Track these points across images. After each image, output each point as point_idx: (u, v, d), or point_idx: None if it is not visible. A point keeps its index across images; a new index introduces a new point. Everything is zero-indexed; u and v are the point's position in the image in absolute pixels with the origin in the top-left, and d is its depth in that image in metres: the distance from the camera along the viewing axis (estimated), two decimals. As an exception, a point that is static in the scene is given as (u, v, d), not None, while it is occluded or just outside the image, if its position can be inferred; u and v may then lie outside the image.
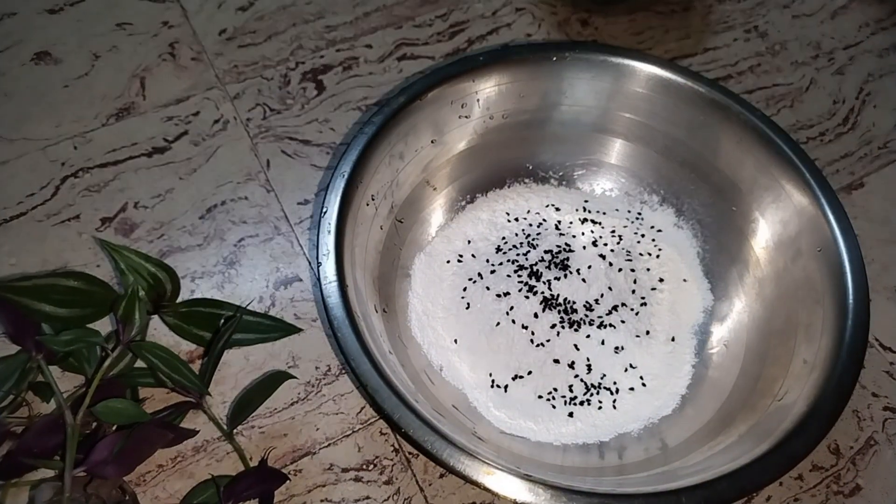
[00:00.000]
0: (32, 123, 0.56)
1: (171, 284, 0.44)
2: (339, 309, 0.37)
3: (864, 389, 0.46)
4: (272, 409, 0.44)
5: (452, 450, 0.34)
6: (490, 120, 0.48)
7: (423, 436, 0.34)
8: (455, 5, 0.63)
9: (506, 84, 0.47)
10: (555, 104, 0.49)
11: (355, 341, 0.37)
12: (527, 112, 0.49)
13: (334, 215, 0.40)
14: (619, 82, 0.47)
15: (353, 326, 0.37)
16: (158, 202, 0.52)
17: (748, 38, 0.63)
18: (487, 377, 0.44)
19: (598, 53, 0.47)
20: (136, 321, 0.41)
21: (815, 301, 0.41)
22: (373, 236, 0.44)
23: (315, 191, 0.53)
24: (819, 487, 0.43)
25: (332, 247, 0.39)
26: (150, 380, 0.43)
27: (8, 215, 0.51)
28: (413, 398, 0.37)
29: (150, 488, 0.42)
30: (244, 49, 0.60)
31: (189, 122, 0.56)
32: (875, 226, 0.53)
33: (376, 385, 0.36)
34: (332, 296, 0.38)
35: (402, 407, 0.35)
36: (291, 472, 0.42)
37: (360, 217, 0.43)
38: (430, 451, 0.34)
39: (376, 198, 0.44)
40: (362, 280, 0.41)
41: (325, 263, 0.39)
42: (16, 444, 0.39)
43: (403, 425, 0.35)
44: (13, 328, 0.41)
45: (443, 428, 0.35)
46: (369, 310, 0.41)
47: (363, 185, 0.43)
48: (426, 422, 0.35)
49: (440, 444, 0.34)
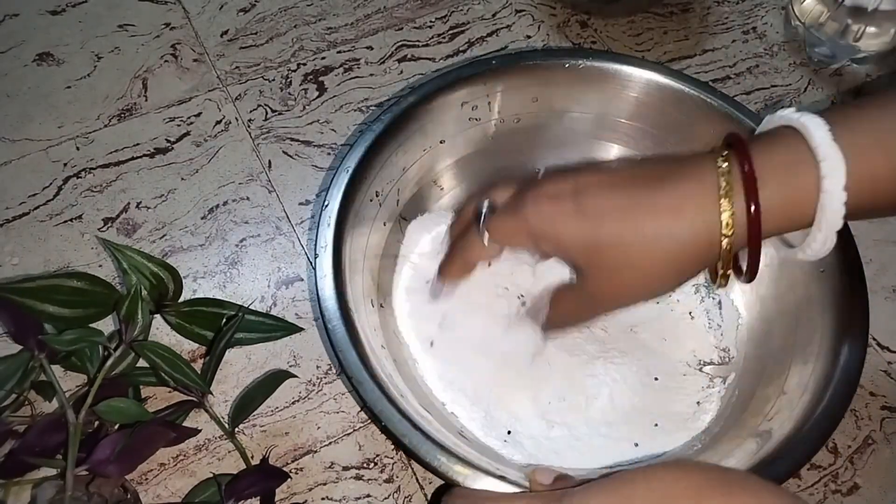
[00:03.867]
0: (35, 124, 0.56)
1: (173, 284, 0.44)
2: (331, 301, 0.37)
3: (862, 388, 0.46)
4: (273, 407, 0.45)
5: (430, 446, 0.34)
6: (501, 123, 0.48)
7: (402, 431, 0.34)
8: (455, 7, 0.64)
9: (518, 88, 0.47)
10: (565, 110, 0.48)
11: (345, 333, 0.36)
12: (537, 117, 0.49)
13: (335, 209, 0.40)
14: (629, 90, 0.47)
15: (344, 318, 0.37)
16: (160, 202, 0.52)
17: (746, 39, 0.63)
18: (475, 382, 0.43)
19: (612, 62, 0.47)
20: (138, 321, 0.41)
21: (814, 322, 0.40)
22: (375, 232, 0.44)
23: (316, 191, 0.53)
24: (817, 486, 0.43)
25: (331, 240, 0.39)
26: (152, 379, 0.43)
27: (10, 215, 0.51)
28: (398, 393, 0.36)
29: (151, 487, 0.42)
30: (246, 50, 0.60)
31: (191, 122, 0.56)
32: (874, 226, 0.53)
33: (360, 377, 0.35)
34: (326, 288, 0.38)
35: (383, 400, 0.35)
36: (293, 470, 0.42)
37: (363, 212, 0.42)
38: (408, 446, 0.34)
39: (381, 194, 0.44)
40: (360, 275, 0.41)
41: (322, 256, 0.39)
42: (18, 443, 0.39)
43: (384, 419, 0.34)
44: (15, 327, 0.41)
45: (424, 425, 0.35)
46: (365, 304, 0.41)
47: (367, 181, 0.42)
48: (407, 417, 0.34)
49: (418, 440, 0.34)
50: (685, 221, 0.31)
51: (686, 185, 0.32)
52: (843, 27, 0.58)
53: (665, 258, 0.32)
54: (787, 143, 0.31)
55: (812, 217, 0.30)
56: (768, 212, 0.30)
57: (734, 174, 0.31)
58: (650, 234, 0.32)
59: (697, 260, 0.32)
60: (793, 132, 0.31)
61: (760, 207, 0.30)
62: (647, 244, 0.32)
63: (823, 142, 0.29)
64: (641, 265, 0.33)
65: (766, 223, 0.31)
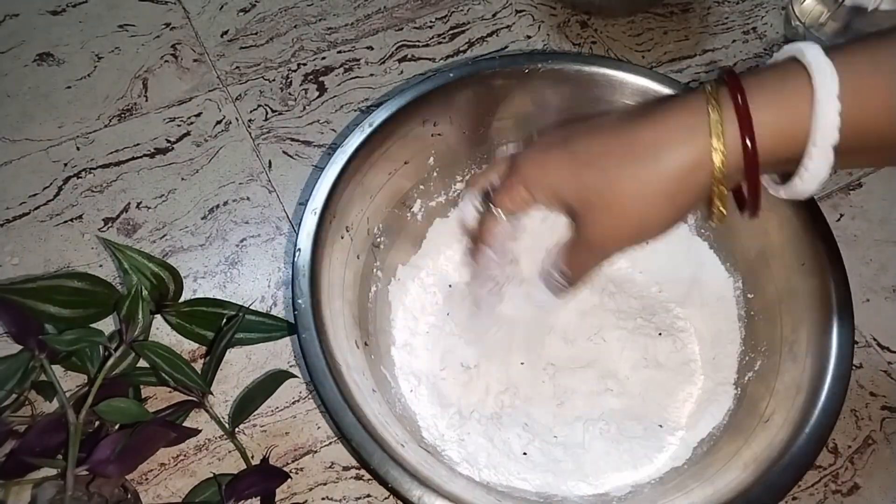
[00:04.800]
0: (35, 124, 0.56)
1: (173, 284, 0.44)
2: (318, 359, 0.36)
3: (863, 389, 0.46)
4: (274, 407, 0.45)
5: (404, 477, 0.33)
6: (463, 135, 0.47)
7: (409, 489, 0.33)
8: (455, 7, 0.64)
9: (478, 98, 0.46)
10: (529, 115, 0.47)
11: (341, 400, 0.35)
12: (501, 125, 0.47)
13: (308, 256, 0.38)
14: (592, 91, 0.46)
15: (334, 380, 0.35)
16: (161, 202, 0.52)
17: (746, 39, 0.63)
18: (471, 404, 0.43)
19: (571, 63, 0.46)
20: (138, 321, 0.41)
21: (799, 317, 0.40)
22: (350, 267, 0.42)
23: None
24: (817, 486, 0.43)
25: (307, 290, 0.37)
26: (152, 379, 0.43)
27: (11, 215, 0.52)
28: (397, 442, 0.35)
29: (152, 487, 0.42)
30: (246, 50, 0.60)
31: (191, 123, 0.56)
32: (873, 226, 0.53)
33: (360, 439, 0.34)
34: (311, 345, 0.36)
35: (388, 460, 0.33)
36: (293, 470, 0.43)
37: (336, 250, 0.41)
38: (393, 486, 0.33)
39: (351, 228, 0.42)
40: (341, 318, 0.40)
41: (301, 311, 0.37)
42: (19, 443, 0.39)
43: (391, 480, 0.33)
44: (16, 327, 0.41)
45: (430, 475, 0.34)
46: (350, 347, 0.39)
47: (337, 219, 0.41)
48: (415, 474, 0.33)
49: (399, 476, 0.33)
50: (671, 154, 0.31)
51: (673, 118, 0.32)
52: (843, 27, 0.58)
53: (653, 192, 0.32)
54: (783, 69, 0.30)
55: (808, 138, 0.29)
56: (763, 138, 0.30)
57: (725, 104, 0.30)
58: (634, 171, 0.32)
59: (688, 193, 0.32)
60: (790, 61, 0.30)
61: (755, 137, 0.30)
62: (633, 180, 0.32)
63: (816, 58, 0.29)
64: (631, 202, 0.33)
65: (762, 149, 0.30)
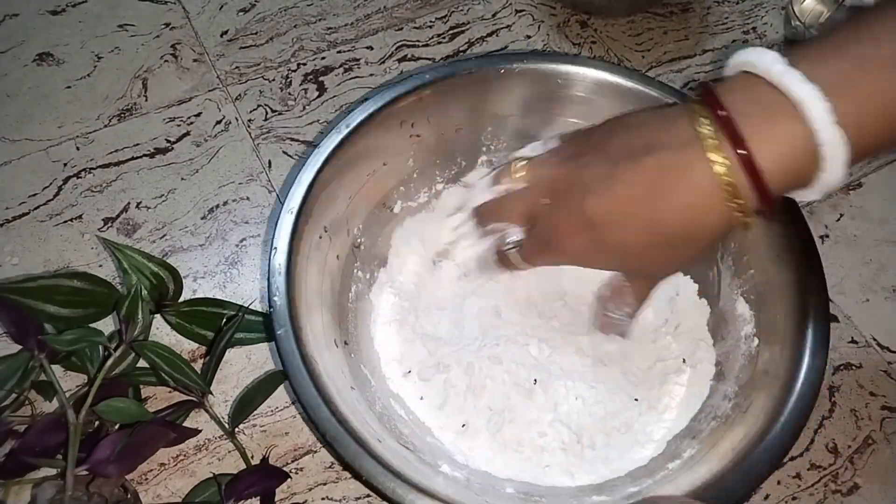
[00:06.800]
0: (35, 124, 0.56)
1: (173, 284, 0.44)
2: (293, 356, 0.36)
3: (863, 389, 0.46)
4: (274, 407, 0.45)
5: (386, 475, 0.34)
6: (441, 136, 0.47)
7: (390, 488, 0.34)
8: (455, 7, 0.64)
9: (455, 99, 0.46)
10: (507, 115, 0.47)
11: (315, 394, 0.35)
12: (478, 124, 0.48)
13: (284, 255, 0.38)
14: (569, 89, 0.46)
15: (309, 374, 0.35)
16: (161, 202, 0.52)
17: (746, 39, 0.63)
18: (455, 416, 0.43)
19: (546, 62, 0.46)
20: (138, 321, 0.41)
21: (776, 308, 0.40)
22: (329, 267, 0.42)
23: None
24: (817, 486, 0.43)
25: (284, 287, 0.37)
26: (152, 379, 0.43)
27: (10, 215, 0.51)
28: (377, 438, 0.36)
29: (151, 487, 0.42)
30: (246, 50, 0.60)
31: (191, 122, 0.56)
32: (873, 225, 0.53)
33: (336, 433, 0.34)
34: (286, 343, 0.36)
35: (364, 455, 0.34)
36: (293, 470, 0.42)
37: (314, 250, 0.41)
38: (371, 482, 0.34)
39: (329, 229, 0.42)
40: (319, 317, 0.40)
41: (276, 309, 0.37)
42: (18, 443, 0.39)
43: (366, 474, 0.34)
44: (16, 327, 0.41)
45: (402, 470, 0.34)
46: (328, 347, 0.39)
47: (314, 219, 0.41)
48: (387, 466, 0.34)
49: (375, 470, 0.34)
50: (682, 196, 0.32)
51: (671, 156, 0.33)
52: (843, 27, 0.58)
53: (670, 238, 0.34)
54: (768, 102, 0.30)
55: (815, 164, 0.30)
56: (772, 173, 0.30)
57: (725, 148, 0.31)
58: (660, 222, 0.33)
59: (711, 227, 0.33)
60: (753, 76, 0.31)
61: (752, 151, 0.30)
62: (656, 225, 0.34)
63: (799, 89, 0.29)
64: (668, 251, 0.35)
65: (774, 186, 0.31)
